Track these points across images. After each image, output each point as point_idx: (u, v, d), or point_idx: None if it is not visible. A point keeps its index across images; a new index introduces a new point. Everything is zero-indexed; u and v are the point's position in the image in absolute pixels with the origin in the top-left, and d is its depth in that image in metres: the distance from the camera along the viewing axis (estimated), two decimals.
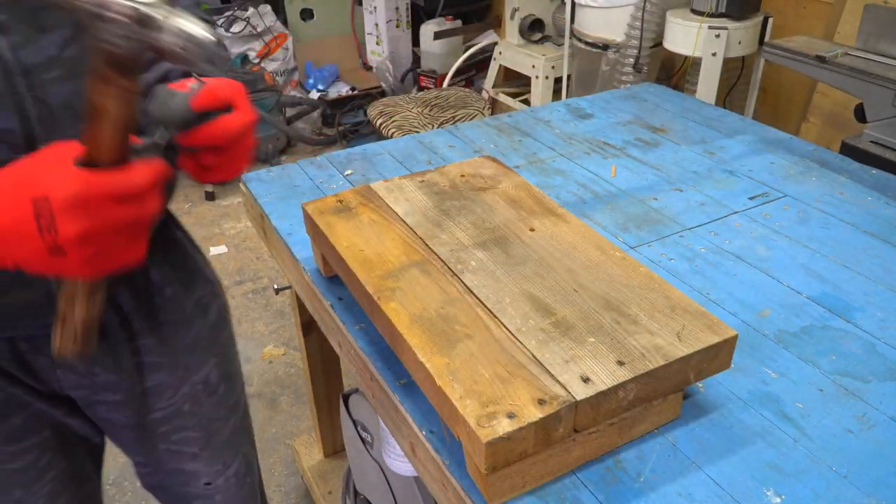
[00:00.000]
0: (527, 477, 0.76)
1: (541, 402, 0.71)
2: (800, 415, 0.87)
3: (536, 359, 0.77)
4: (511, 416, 0.70)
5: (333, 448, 1.85)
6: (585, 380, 0.74)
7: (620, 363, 0.76)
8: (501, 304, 0.85)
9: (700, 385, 0.91)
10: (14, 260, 0.58)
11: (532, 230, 0.99)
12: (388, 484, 1.41)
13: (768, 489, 0.77)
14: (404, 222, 1.01)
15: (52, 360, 0.86)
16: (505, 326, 0.81)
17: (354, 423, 1.48)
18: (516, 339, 0.80)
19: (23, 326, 0.82)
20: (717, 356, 0.81)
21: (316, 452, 1.87)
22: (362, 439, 1.46)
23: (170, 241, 0.98)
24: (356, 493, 1.60)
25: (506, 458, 0.70)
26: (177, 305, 0.96)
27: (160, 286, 0.94)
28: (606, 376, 0.74)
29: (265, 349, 2.50)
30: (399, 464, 1.33)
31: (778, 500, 0.76)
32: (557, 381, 0.74)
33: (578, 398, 0.72)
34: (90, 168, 0.58)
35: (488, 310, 0.84)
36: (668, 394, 0.81)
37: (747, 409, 0.88)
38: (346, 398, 1.52)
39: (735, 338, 0.81)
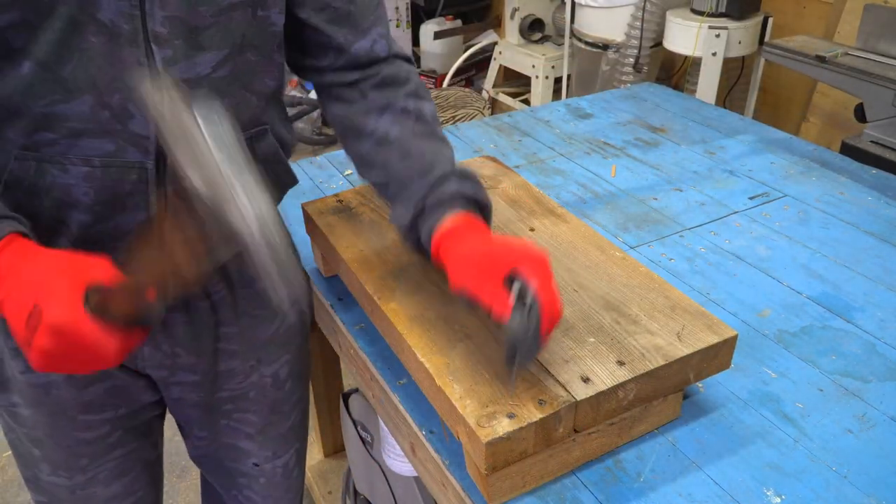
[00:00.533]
0: (527, 477, 0.76)
1: (541, 402, 0.71)
2: (800, 415, 0.87)
3: (536, 359, 0.77)
4: (511, 416, 0.70)
5: (333, 448, 1.85)
6: (585, 380, 0.74)
7: (620, 363, 0.76)
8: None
9: (700, 385, 0.91)
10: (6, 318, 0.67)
11: (532, 230, 0.99)
12: (388, 484, 1.41)
13: (768, 489, 0.77)
14: None
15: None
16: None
17: (354, 422, 1.47)
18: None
19: None
20: (717, 356, 0.81)
21: (316, 452, 1.87)
22: (362, 439, 1.46)
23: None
24: (356, 492, 1.60)
25: (506, 458, 0.70)
26: (263, 301, 0.97)
27: (251, 280, 0.94)
28: (606, 376, 0.74)
29: None
30: (399, 464, 1.33)
31: (778, 499, 0.76)
32: (557, 381, 0.74)
33: (578, 398, 0.72)
34: (91, 309, 0.65)
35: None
36: (668, 394, 0.81)
37: (747, 409, 0.88)
38: (345, 398, 1.52)
39: (735, 338, 0.81)
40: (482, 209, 0.82)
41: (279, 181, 0.93)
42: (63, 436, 0.94)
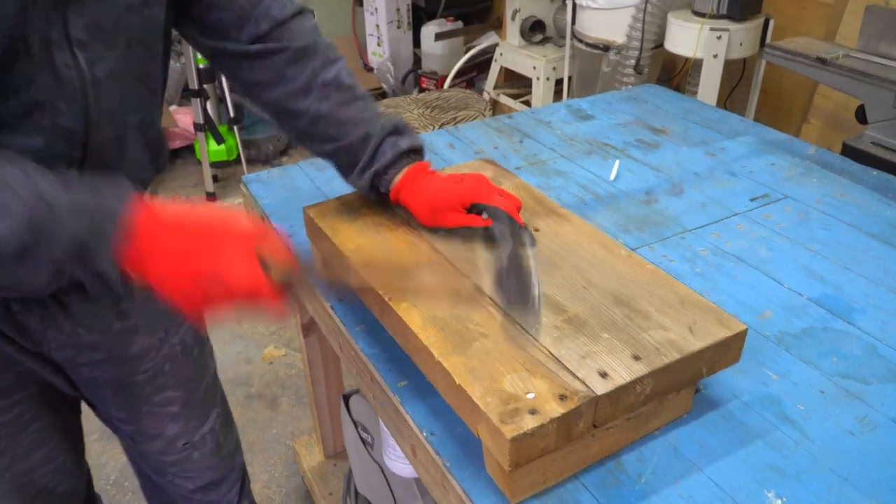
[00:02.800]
0: (547, 473, 0.76)
1: (562, 397, 0.71)
2: (801, 416, 0.87)
3: (553, 355, 0.77)
4: (533, 412, 0.70)
5: (334, 449, 1.85)
6: (603, 375, 0.74)
7: (636, 357, 0.76)
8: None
9: (701, 386, 0.91)
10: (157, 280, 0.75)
11: (536, 230, 0.99)
12: (389, 485, 1.40)
13: (769, 491, 0.77)
14: (409, 224, 1.01)
15: (42, 320, 0.93)
16: (519, 324, 0.81)
17: (355, 424, 1.47)
18: (531, 336, 0.80)
19: (19, 291, 0.89)
20: (728, 350, 0.81)
21: (316, 453, 1.87)
22: (363, 440, 1.46)
23: None
24: (357, 494, 1.60)
25: (529, 454, 0.70)
26: None
27: None
28: (623, 371, 0.74)
29: (266, 350, 2.50)
30: (399, 465, 1.33)
31: (779, 502, 0.76)
32: (576, 377, 0.74)
33: (598, 393, 0.72)
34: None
35: (501, 308, 0.84)
36: (682, 388, 0.82)
37: (748, 410, 0.88)
38: (346, 399, 1.52)
39: (745, 331, 0.81)
40: (417, 150, 1.00)
41: (160, 159, 0.99)
42: None
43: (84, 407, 1.14)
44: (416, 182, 0.97)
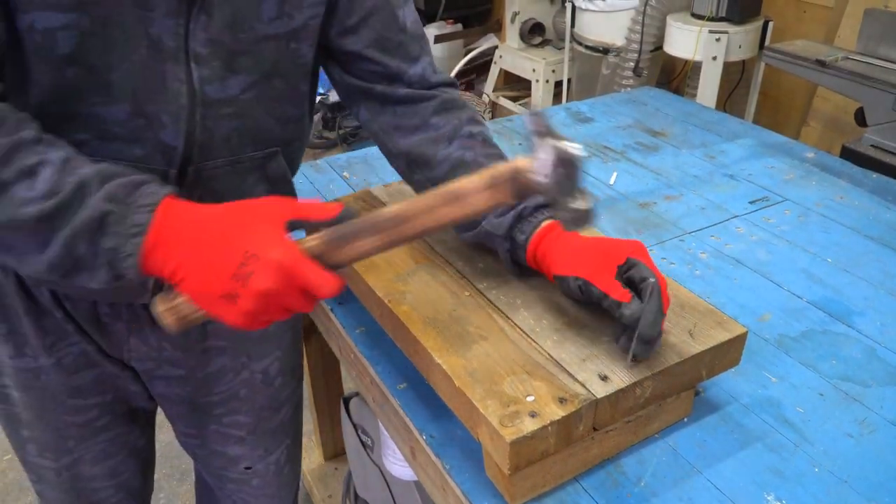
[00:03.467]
0: (547, 476, 0.76)
1: (562, 400, 0.71)
2: (800, 419, 0.87)
3: (553, 358, 0.77)
4: (533, 415, 0.70)
5: (334, 451, 1.85)
6: (604, 378, 0.74)
7: (637, 361, 0.76)
8: (513, 305, 0.85)
9: (701, 389, 0.91)
10: (189, 283, 0.65)
11: None
12: (389, 488, 1.40)
13: (769, 493, 0.77)
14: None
15: (127, 327, 0.92)
16: (519, 327, 0.82)
17: (355, 426, 1.47)
18: (531, 339, 0.80)
19: (107, 301, 0.87)
20: (728, 353, 0.81)
21: (316, 456, 1.87)
22: (363, 443, 1.46)
23: None
24: (356, 496, 1.59)
25: (528, 457, 0.70)
26: None
27: None
28: (624, 374, 0.75)
29: None
30: (399, 468, 1.33)
31: None
32: (576, 380, 0.74)
33: (598, 396, 0.72)
34: (301, 246, 0.66)
35: (501, 311, 0.84)
36: (682, 391, 0.82)
37: (748, 413, 0.88)
38: (346, 401, 1.52)
39: (745, 334, 0.81)
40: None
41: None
42: (51, 418, 0.96)
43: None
44: (562, 232, 0.84)
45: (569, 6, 3.01)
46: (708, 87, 2.52)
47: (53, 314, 0.89)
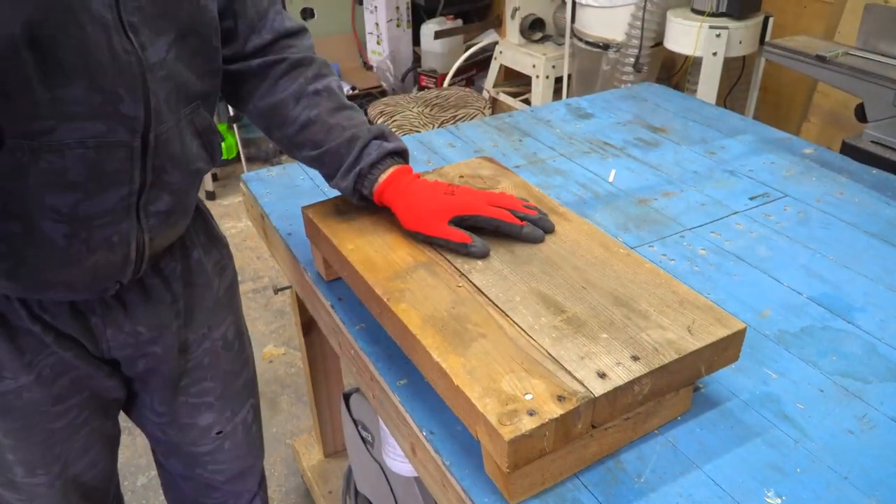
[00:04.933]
0: (546, 474, 0.76)
1: (560, 398, 0.71)
2: (800, 415, 0.87)
3: (552, 356, 0.77)
4: (532, 413, 0.70)
5: (334, 448, 1.85)
6: (602, 375, 0.74)
7: (635, 358, 0.76)
8: (512, 303, 0.85)
9: (700, 385, 0.91)
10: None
11: None
12: (389, 484, 1.40)
13: (769, 490, 0.77)
14: None
15: (102, 320, 0.96)
16: (517, 325, 0.82)
17: (355, 422, 1.47)
18: (530, 336, 0.80)
19: (91, 288, 0.91)
20: (726, 349, 0.81)
21: (316, 452, 1.87)
22: (363, 439, 1.46)
23: (198, 213, 1.09)
24: (357, 492, 1.60)
25: (527, 455, 0.70)
26: (201, 268, 1.07)
27: (189, 250, 1.05)
28: (622, 371, 0.74)
29: (265, 349, 2.50)
30: (399, 464, 1.33)
31: (778, 500, 0.76)
32: (574, 378, 0.74)
33: (597, 394, 0.72)
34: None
35: (499, 309, 0.84)
36: (681, 387, 0.82)
37: (748, 409, 0.88)
38: (346, 398, 1.52)
39: (744, 330, 0.81)
40: (401, 154, 1.02)
41: (213, 151, 0.99)
42: (36, 433, 0.99)
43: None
44: (401, 183, 0.98)
45: (569, 2, 3.00)
46: (708, 83, 2.52)
47: (30, 331, 0.92)
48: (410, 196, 0.97)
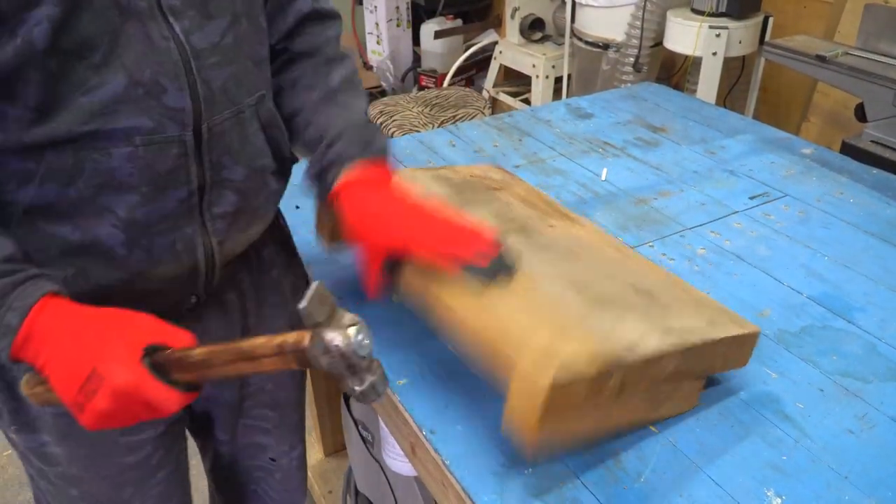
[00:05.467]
0: (569, 428, 0.75)
1: (595, 355, 0.70)
2: (800, 415, 0.87)
3: (586, 319, 0.76)
4: (567, 365, 0.68)
5: (334, 447, 1.85)
6: (634, 343, 0.74)
7: (666, 332, 0.76)
8: (539, 278, 0.83)
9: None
10: (51, 381, 0.68)
11: (551, 226, 0.99)
12: (389, 483, 1.41)
13: (769, 489, 0.77)
14: None
15: None
16: (548, 292, 0.80)
17: (355, 422, 1.47)
18: (562, 303, 0.79)
19: (161, 302, 0.83)
20: (742, 347, 0.83)
21: (316, 452, 1.87)
22: (363, 438, 1.46)
23: (276, 225, 1.03)
24: (357, 492, 1.60)
25: (559, 406, 0.69)
26: (278, 288, 1.02)
27: (268, 267, 1.00)
28: (654, 341, 0.74)
29: None
30: (399, 463, 1.33)
31: (778, 500, 0.76)
32: (609, 339, 0.73)
33: (629, 358, 0.72)
34: (153, 371, 0.68)
35: (528, 279, 0.82)
36: (697, 376, 0.82)
37: (748, 409, 0.88)
38: (346, 397, 1.52)
39: (758, 334, 0.83)
40: (378, 152, 0.88)
41: (278, 147, 0.91)
42: (104, 465, 0.91)
43: None
44: (347, 199, 0.85)
45: (569, 2, 3.00)
46: (708, 83, 2.51)
47: None
48: (355, 210, 0.84)
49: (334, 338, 0.67)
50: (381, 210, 0.83)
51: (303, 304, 0.66)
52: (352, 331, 0.68)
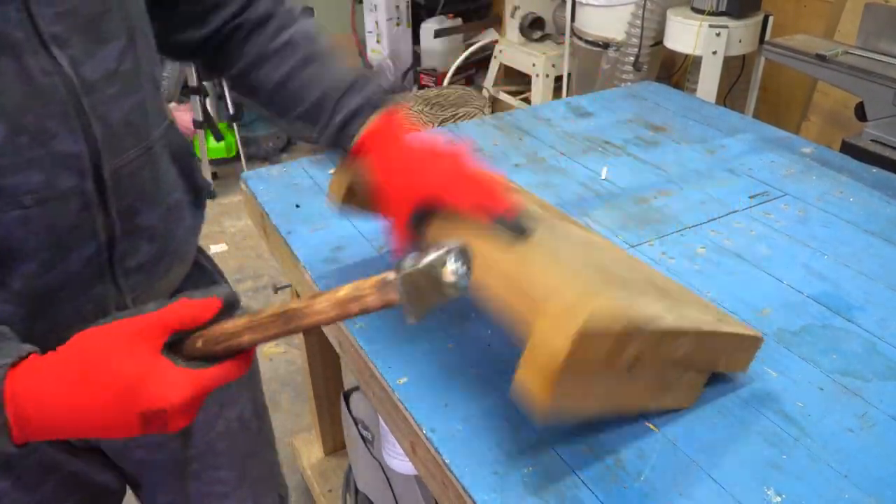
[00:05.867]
0: (581, 395, 0.74)
1: (619, 318, 0.70)
2: (800, 414, 0.87)
3: (606, 291, 0.76)
4: (594, 319, 0.67)
5: (334, 446, 1.85)
6: (655, 315, 0.74)
7: (681, 317, 0.77)
8: (558, 256, 0.83)
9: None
10: (101, 435, 0.57)
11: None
12: (389, 482, 1.41)
13: (769, 488, 0.77)
14: None
15: None
16: (569, 266, 0.80)
17: (355, 420, 1.48)
18: (582, 275, 0.79)
19: None
20: (747, 349, 0.84)
21: (316, 450, 1.87)
22: (363, 437, 1.46)
23: (201, 264, 0.93)
24: (357, 491, 1.60)
25: (584, 355, 0.67)
26: None
27: None
28: (672, 319, 0.75)
29: (265, 347, 2.50)
30: (399, 462, 1.33)
31: (778, 499, 0.76)
32: (632, 308, 0.73)
33: (649, 328, 0.72)
34: (188, 361, 0.58)
35: (553, 252, 0.82)
36: (701, 369, 0.83)
37: (747, 407, 0.88)
38: (346, 396, 1.52)
39: (760, 340, 0.84)
40: (393, 100, 0.82)
41: (194, 180, 0.82)
42: None
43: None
44: (376, 142, 0.79)
45: (569, 0, 3.00)
46: (708, 82, 2.52)
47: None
48: (385, 160, 0.78)
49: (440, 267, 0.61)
50: (411, 158, 0.77)
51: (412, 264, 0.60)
52: (452, 265, 0.62)
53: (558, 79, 3.31)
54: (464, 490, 0.78)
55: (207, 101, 3.28)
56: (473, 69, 4.05)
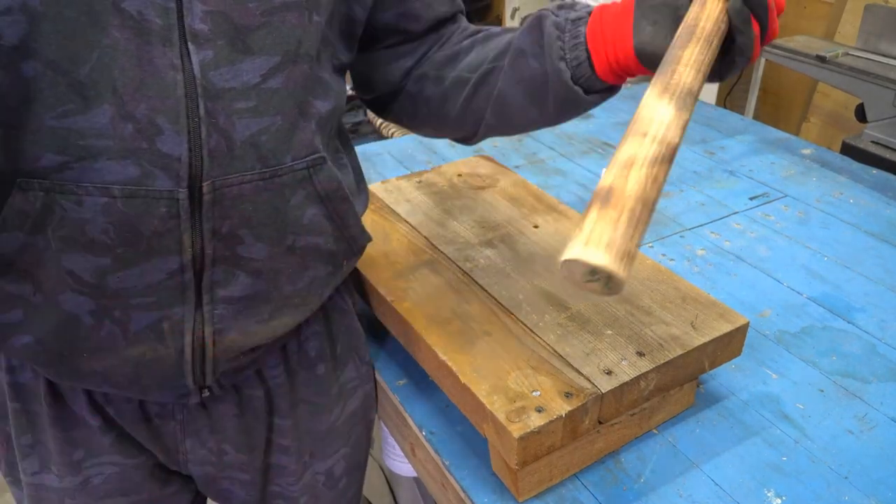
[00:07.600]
0: (553, 470, 0.76)
1: (567, 395, 0.71)
2: (800, 415, 0.87)
3: (557, 353, 0.77)
4: (540, 409, 0.70)
5: None
6: (608, 372, 0.74)
7: (640, 354, 0.76)
8: (516, 301, 0.85)
9: (700, 384, 0.91)
10: None
11: (536, 227, 0.99)
12: (389, 484, 1.41)
13: (769, 490, 0.77)
14: (407, 223, 1.00)
15: (182, 427, 0.78)
16: (522, 322, 0.82)
17: None
18: (535, 334, 0.80)
19: (152, 388, 0.72)
20: (730, 343, 0.82)
21: None
22: None
23: (336, 308, 0.86)
24: None
25: (536, 451, 0.70)
26: (324, 388, 0.85)
27: (314, 362, 0.83)
28: (628, 367, 0.75)
29: None
30: (399, 464, 1.33)
31: (778, 500, 0.76)
32: (581, 374, 0.74)
33: (603, 390, 0.72)
34: None
35: (503, 307, 0.84)
36: (685, 382, 0.82)
37: (747, 409, 0.88)
38: None
39: (747, 325, 0.82)
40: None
41: (348, 229, 0.75)
42: None
43: None
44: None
45: (569, 1, 3.00)
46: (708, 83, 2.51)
47: (87, 423, 0.75)
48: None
49: None
50: None
51: None
52: None
53: None
54: (463, 491, 0.78)
55: None
56: None
